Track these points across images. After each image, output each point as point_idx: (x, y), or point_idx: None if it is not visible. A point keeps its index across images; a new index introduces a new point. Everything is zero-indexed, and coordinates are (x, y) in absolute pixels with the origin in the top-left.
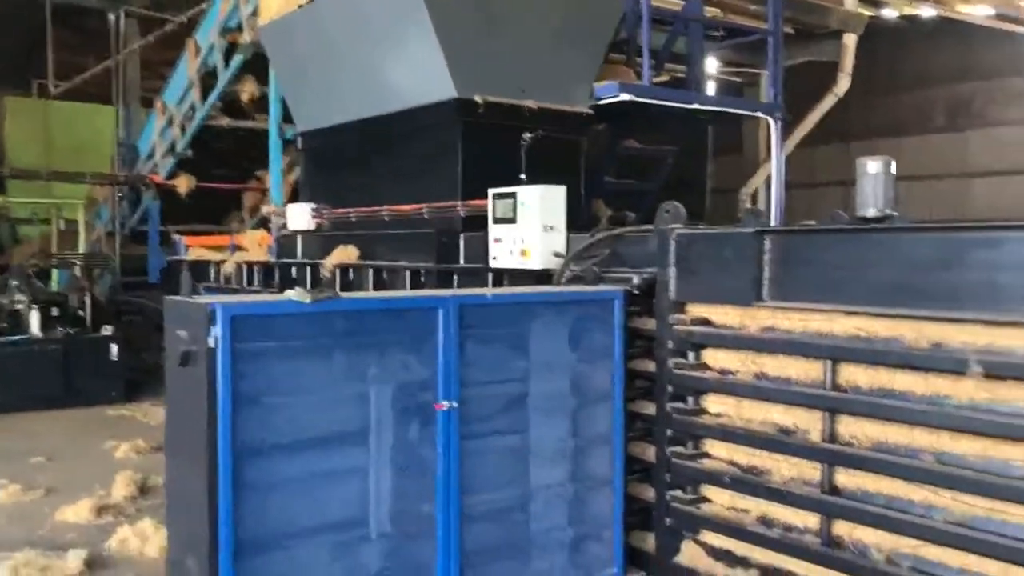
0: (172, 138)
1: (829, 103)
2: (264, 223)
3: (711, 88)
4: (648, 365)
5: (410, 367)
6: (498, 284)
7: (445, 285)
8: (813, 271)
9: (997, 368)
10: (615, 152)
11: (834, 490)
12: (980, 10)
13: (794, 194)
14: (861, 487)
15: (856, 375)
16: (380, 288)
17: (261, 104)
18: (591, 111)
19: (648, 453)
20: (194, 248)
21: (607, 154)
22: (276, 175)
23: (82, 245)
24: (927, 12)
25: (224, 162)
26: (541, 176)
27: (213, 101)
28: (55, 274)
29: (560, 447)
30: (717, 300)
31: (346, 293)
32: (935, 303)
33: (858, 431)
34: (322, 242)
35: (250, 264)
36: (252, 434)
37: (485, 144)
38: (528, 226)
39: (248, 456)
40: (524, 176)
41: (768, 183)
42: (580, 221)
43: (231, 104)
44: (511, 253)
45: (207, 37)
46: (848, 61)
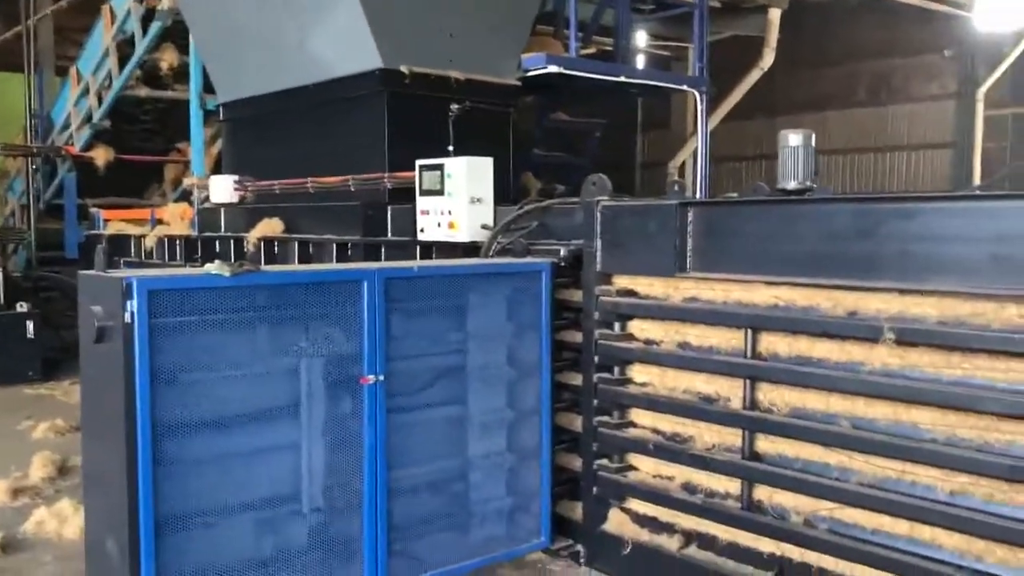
0: (88, 108)
1: (755, 77)
2: (186, 196)
3: (640, 62)
4: (575, 336)
5: (336, 341)
6: (426, 257)
7: (372, 258)
8: (735, 242)
9: (908, 335)
10: (544, 125)
11: (754, 456)
12: None
13: (723, 167)
14: (780, 452)
15: (775, 343)
16: (306, 262)
17: (182, 74)
18: (519, 83)
19: (575, 423)
20: (113, 222)
21: (536, 127)
22: (198, 147)
23: None
24: None
25: (144, 133)
26: (470, 148)
27: (131, 70)
28: None
29: (488, 419)
30: (642, 271)
31: (268, 267)
32: (851, 273)
33: (777, 398)
34: (246, 215)
35: (172, 238)
36: (172, 410)
37: (412, 115)
38: (455, 198)
39: (168, 433)
40: (452, 148)
41: (696, 156)
42: (510, 194)
43: (150, 73)
44: (439, 226)
45: (123, 3)
46: (773, 36)
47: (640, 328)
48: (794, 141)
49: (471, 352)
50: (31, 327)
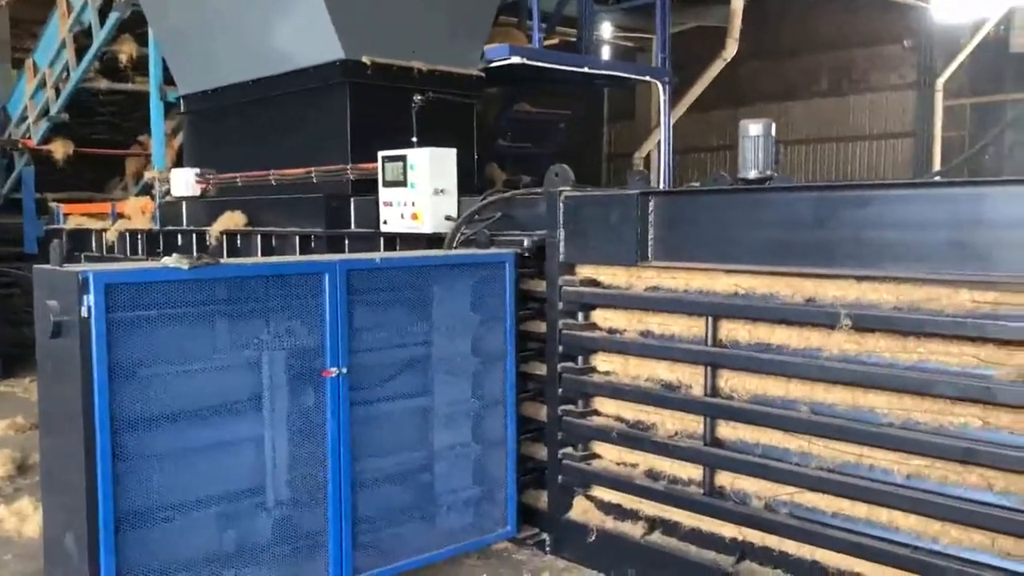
0: (45, 101)
1: (718, 67)
2: (148, 190)
3: (605, 52)
4: (539, 326)
5: (298, 334)
6: (390, 248)
7: (336, 250)
8: (695, 231)
9: (865, 321)
10: (509, 116)
11: (716, 442)
12: None
13: (689, 158)
14: (741, 438)
15: (736, 331)
16: (269, 254)
17: (142, 65)
18: (482, 74)
19: (540, 413)
20: (73, 216)
21: (501, 117)
22: (158, 139)
23: None
24: None
25: (103, 126)
26: (433, 139)
27: (89, 62)
28: None
29: (453, 410)
30: (605, 261)
31: (229, 259)
32: (809, 260)
33: (738, 385)
34: (208, 208)
35: (133, 232)
36: (131, 405)
37: (374, 106)
38: (419, 189)
39: (127, 428)
40: (416, 139)
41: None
42: (474, 185)
43: (110, 65)
44: (402, 217)
45: None
46: (736, 26)
47: (603, 317)
48: (754, 131)
49: (435, 343)
50: None
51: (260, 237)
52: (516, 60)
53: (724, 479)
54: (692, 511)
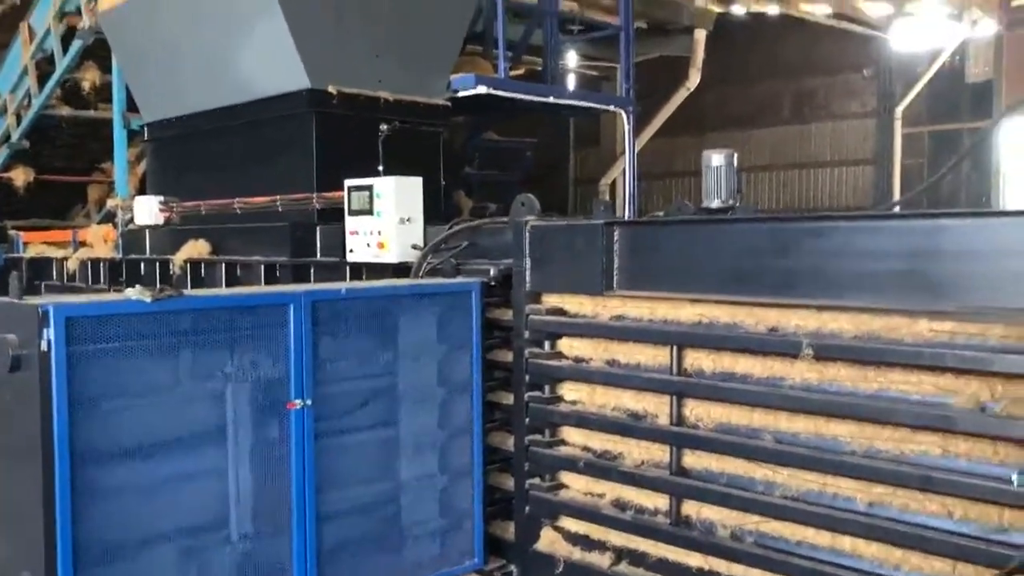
0: (6, 128)
1: (682, 96)
2: (111, 217)
3: (571, 81)
4: (506, 355)
5: (263, 366)
6: (356, 277)
7: (301, 279)
8: (660, 261)
9: (826, 350)
10: (476, 144)
11: (682, 471)
12: (820, 9)
13: (654, 184)
14: (707, 467)
15: (700, 360)
16: (233, 284)
17: (105, 92)
18: (448, 103)
19: (507, 442)
20: (34, 244)
21: (468, 146)
22: (121, 167)
23: None
24: (772, 10)
25: (66, 153)
26: (400, 168)
27: (51, 89)
28: None
29: (419, 441)
30: (571, 290)
31: (192, 290)
32: (771, 290)
33: (703, 413)
34: (171, 237)
35: (95, 261)
36: (92, 439)
37: (341, 135)
38: (385, 218)
39: (88, 462)
40: (382, 168)
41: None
42: (442, 213)
43: (72, 92)
44: (368, 246)
45: (43, 21)
46: (699, 56)
47: (569, 346)
48: (716, 161)
49: (402, 373)
50: None
51: (224, 266)
52: (482, 90)
53: (690, 508)
54: (659, 541)
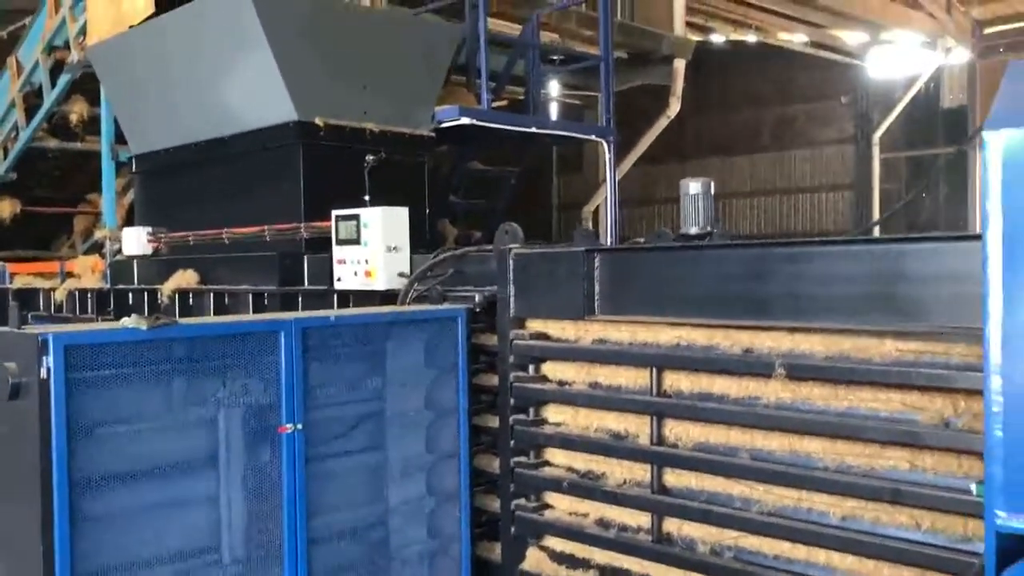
0: None
1: (663, 124)
2: (97, 248)
3: (554, 110)
4: (492, 379)
5: (254, 392)
6: (344, 305)
7: (289, 307)
8: (639, 286)
9: (798, 370)
10: (460, 173)
11: (663, 489)
12: (798, 37)
13: (636, 211)
14: (687, 485)
15: (679, 381)
16: (222, 312)
17: (92, 125)
18: (433, 134)
19: (493, 465)
20: (20, 276)
21: (453, 175)
22: (109, 198)
23: None
24: (751, 38)
25: (51, 184)
26: (386, 197)
27: (39, 122)
28: None
29: (407, 464)
30: (554, 315)
31: (185, 319)
32: (745, 313)
33: (682, 433)
34: (159, 267)
35: (83, 291)
36: (89, 465)
37: (328, 166)
38: (372, 247)
39: (86, 488)
40: (368, 198)
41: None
42: (427, 241)
43: (59, 124)
44: (356, 274)
45: (31, 55)
46: (678, 85)
47: (553, 370)
48: (694, 189)
49: (390, 398)
50: None
51: (213, 295)
52: (466, 121)
53: (671, 525)
54: (641, 558)
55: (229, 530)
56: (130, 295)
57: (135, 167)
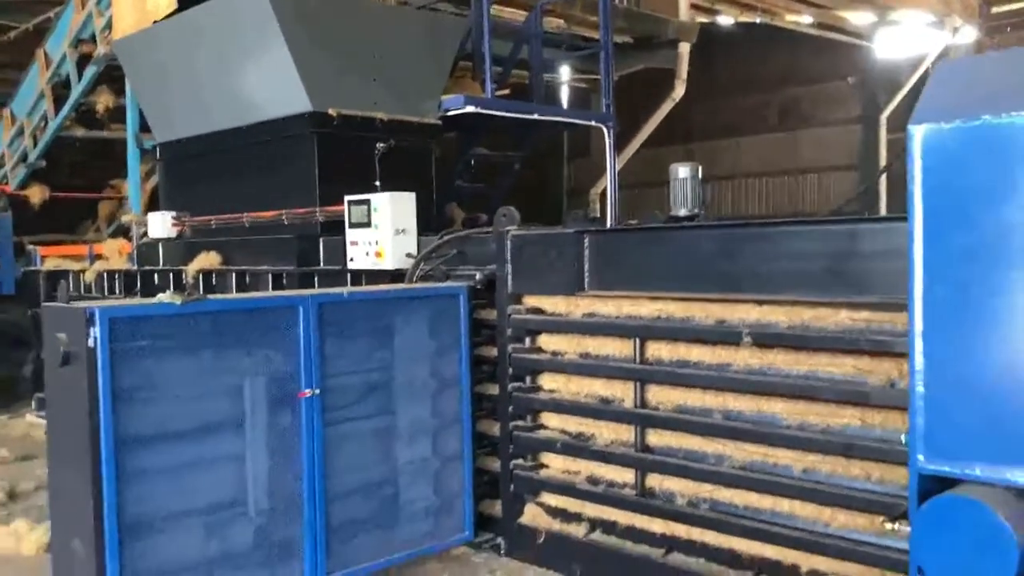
0: (23, 148)
1: (668, 108)
2: (122, 232)
3: (563, 93)
4: (491, 351)
5: (276, 361)
6: (356, 283)
7: (306, 287)
8: (625, 264)
9: (765, 338)
10: (467, 158)
11: (646, 448)
12: (804, 19)
13: (643, 192)
14: (667, 444)
15: (660, 350)
16: (243, 292)
17: (117, 113)
18: (439, 122)
19: (493, 429)
20: (50, 258)
21: (460, 160)
22: (135, 184)
23: None
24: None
25: (77, 171)
26: (396, 183)
27: (67, 113)
28: None
29: (415, 428)
30: (547, 291)
31: (213, 295)
32: (718, 287)
33: (663, 397)
34: (183, 249)
35: (112, 272)
36: (131, 426)
37: (340, 153)
38: (382, 230)
39: (128, 446)
40: (379, 183)
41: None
42: (434, 224)
43: (85, 113)
44: (367, 255)
45: (59, 48)
46: (683, 68)
47: (547, 341)
48: (683, 173)
49: (398, 368)
50: None
51: (235, 275)
52: (471, 110)
53: (653, 481)
54: (627, 510)
55: (255, 485)
56: (156, 276)
57: (159, 154)
